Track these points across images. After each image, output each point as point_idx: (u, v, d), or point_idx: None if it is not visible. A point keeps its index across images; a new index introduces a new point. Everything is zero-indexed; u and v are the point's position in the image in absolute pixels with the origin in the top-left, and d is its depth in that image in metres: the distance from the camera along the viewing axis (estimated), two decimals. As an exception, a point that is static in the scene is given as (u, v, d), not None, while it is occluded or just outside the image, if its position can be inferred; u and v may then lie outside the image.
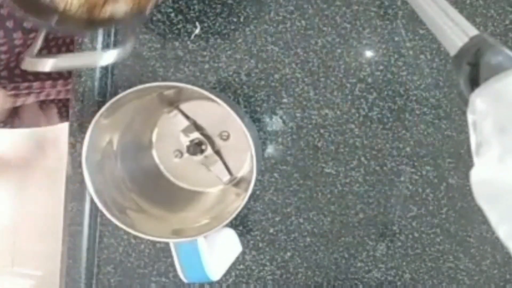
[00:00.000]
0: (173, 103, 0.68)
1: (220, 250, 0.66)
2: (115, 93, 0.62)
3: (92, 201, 0.73)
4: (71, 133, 0.71)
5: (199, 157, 0.67)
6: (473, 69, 0.31)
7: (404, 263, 0.67)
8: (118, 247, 0.74)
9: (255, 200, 0.69)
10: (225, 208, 0.66)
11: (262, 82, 0.67)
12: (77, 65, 0.60)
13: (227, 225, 0.62)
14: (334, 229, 0.68)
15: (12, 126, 0.85)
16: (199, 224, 0.66)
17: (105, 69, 0.69)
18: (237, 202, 0.62)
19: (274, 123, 0.68)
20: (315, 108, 0.67)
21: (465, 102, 0.31)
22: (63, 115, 0.91)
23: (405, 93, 0.65)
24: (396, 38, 0.64)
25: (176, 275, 0.68)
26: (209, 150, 0.67)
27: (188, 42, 0.67)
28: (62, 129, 0.73)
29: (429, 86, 0.65)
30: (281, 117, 0.68)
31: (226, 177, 0.68)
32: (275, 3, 0.66)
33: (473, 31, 0.33)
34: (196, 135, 0.67)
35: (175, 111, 0.67)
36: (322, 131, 0.67)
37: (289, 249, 0.69)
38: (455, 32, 0.34)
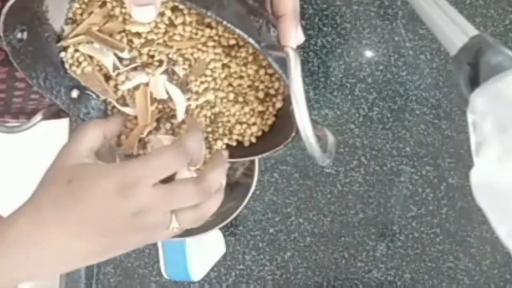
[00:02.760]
0: None
1: (205, 251, 0.67)
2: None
3: (92, 201, 0.73)
4: (71, 133, 0.71)
5: None
6: (473, 69, 0.31)
7: (404, 263, 0.67)
8: (118, 247, 0.74)
9: (255, 200, 0.69)
10: (225, 207, 0.66)
11: (262, 82, 0.67)
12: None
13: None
14: (334, 229, 0.68)
15: None
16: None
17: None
18: (237, 202, 0.62)
19: (274, 123, 0.68)
20: (315, 108, 0.66)
21: (465, 102, 0.31)
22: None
23: (405, 93, 0.65)
24: (396, 38, 0.64)
25: (176, 275, 0.68)
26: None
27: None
28: (62, 129, 0.73)
29: (429, 86, 0.65)
30: (281, 117, 0.68)
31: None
32: (275, 3, 0.66)
33: (473, 31, 0.33)
34: None
35: None
36: (322, 131, 0.67)
37: (289, 249, 0.69)
38: (455, 32, 0.34)
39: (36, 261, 0.40)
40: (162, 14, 0.43)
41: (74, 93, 0.49)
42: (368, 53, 0.65)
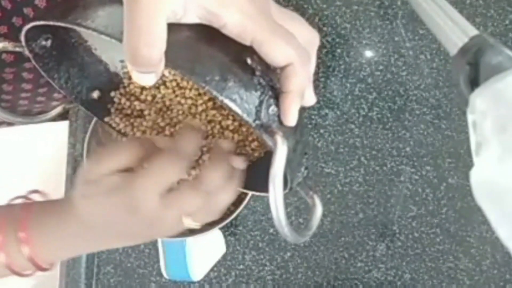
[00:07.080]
0: None
1: (206, 251, 0.67)
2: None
3: (92, 201, 0.73)
4: (71, 133, 0.71)
5: None
6: (473, 69, 0.31)
7: (404, 263, 0.67)
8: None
9: (255, 200, 0.69)
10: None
11: (262, 82, 0.67)
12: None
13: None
14: (334, 229, 0.68)
15: None
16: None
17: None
18: (237, 202, 0.62)
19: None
20: (315, 108, 0.66)
21: (465, 102, 0.31)
22: None
23: (405, 93, 0.65)
24: (396, 38, 0.64)
25: (176, 275, 0.68)
26: None
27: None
28: (62, 129, 0.73)
29: (429, 86, 0.65)
30: (281, 117, 0.68)
31: None
32: (275, 3, 0.65)
33: (473, 31, 0.33)
34: None
35: None
36: (322, 131, 0.67)
37: (289, 249, 0.69)
38: (455, 32, 0.34)
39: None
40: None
41: (95, 94, 0.49)
42: (368, 53, 0.65)
